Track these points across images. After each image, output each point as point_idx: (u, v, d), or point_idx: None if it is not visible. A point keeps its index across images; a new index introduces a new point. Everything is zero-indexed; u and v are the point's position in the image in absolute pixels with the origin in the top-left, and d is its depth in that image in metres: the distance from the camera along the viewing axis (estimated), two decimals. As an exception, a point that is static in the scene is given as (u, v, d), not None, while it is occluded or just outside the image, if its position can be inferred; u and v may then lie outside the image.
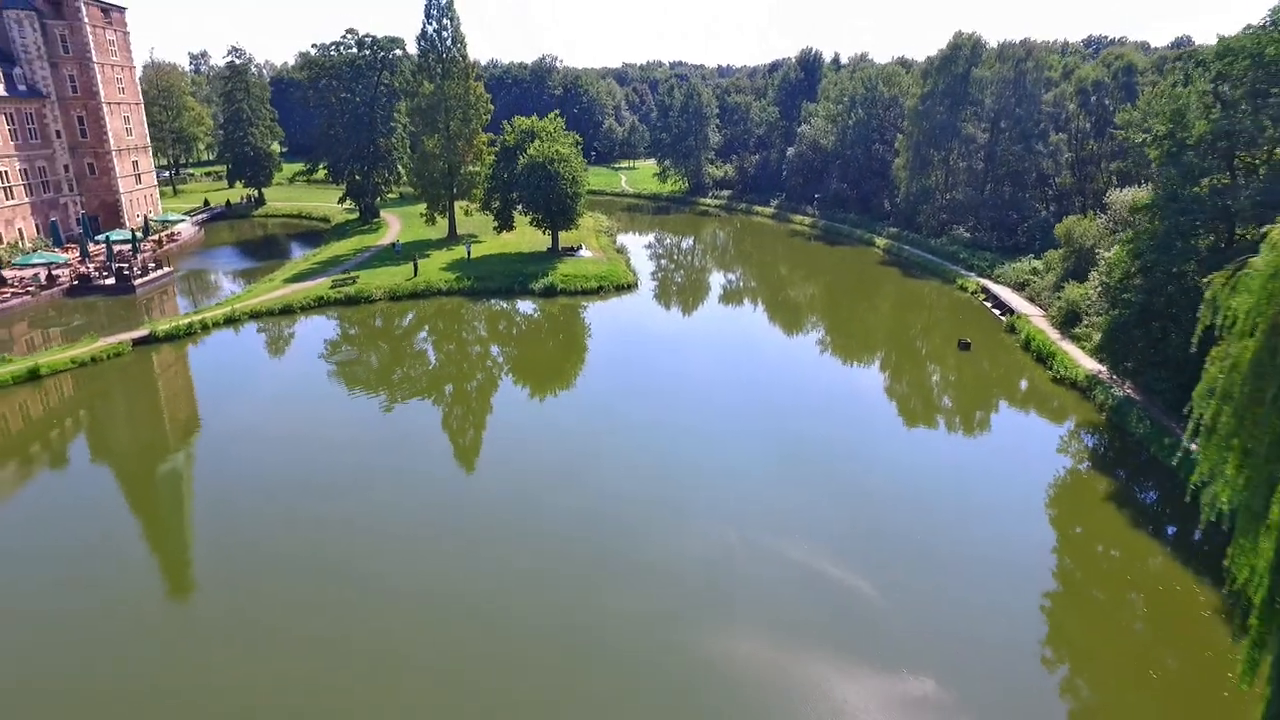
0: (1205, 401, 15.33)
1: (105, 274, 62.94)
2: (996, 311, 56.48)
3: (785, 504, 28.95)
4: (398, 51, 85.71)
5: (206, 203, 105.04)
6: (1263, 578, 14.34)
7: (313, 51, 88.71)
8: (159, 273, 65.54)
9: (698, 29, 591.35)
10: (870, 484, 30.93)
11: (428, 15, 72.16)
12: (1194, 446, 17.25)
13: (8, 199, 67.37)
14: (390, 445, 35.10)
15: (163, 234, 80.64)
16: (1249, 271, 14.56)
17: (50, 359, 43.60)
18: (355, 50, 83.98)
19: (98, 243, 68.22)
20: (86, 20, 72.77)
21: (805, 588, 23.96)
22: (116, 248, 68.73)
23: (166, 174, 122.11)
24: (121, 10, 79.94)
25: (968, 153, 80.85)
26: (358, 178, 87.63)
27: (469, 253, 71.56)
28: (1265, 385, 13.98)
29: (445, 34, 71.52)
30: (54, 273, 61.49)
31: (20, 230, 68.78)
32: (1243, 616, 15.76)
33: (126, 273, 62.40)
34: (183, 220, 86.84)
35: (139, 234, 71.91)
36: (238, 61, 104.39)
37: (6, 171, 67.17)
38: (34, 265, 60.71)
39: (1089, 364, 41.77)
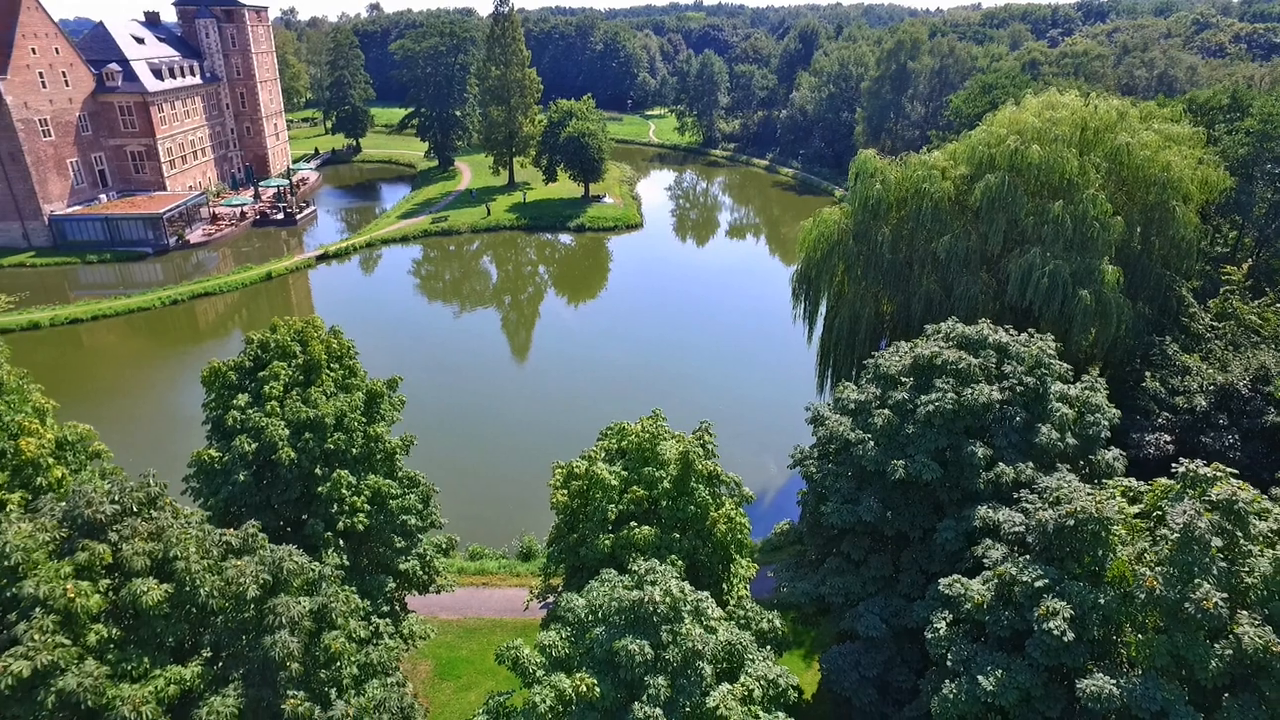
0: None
1: (276, 211, 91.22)
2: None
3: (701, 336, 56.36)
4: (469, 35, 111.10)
5: (316, 151, 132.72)
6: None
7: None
8: (309, 210, 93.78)
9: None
10: (722, 309, 58.00)
11: (495, 20, 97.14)
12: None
13: (203, 156, 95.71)
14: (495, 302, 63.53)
15: (298, 179, 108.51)
16: (812, 219, 40.01)
17: (276, 266, 72.19)
18: (437, 39, 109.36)
19: (265, 188, 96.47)
20: (248, 21, 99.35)
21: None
22: (276, 190, 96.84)
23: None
24: (265, 9, 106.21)
25: (909, 124, 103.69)
26: (438, 136, 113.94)
27: (524, 197, 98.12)
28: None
29: (508, 35, 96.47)
30: (244, 211, 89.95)
31: (210, 178, 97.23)
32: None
33: (290, 210, 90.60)
34: (309, 167, 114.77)
35: (289, 180, 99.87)
36: (340, 37, 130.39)
37: (202, 137, 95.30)
38: (234, 205, 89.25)
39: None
